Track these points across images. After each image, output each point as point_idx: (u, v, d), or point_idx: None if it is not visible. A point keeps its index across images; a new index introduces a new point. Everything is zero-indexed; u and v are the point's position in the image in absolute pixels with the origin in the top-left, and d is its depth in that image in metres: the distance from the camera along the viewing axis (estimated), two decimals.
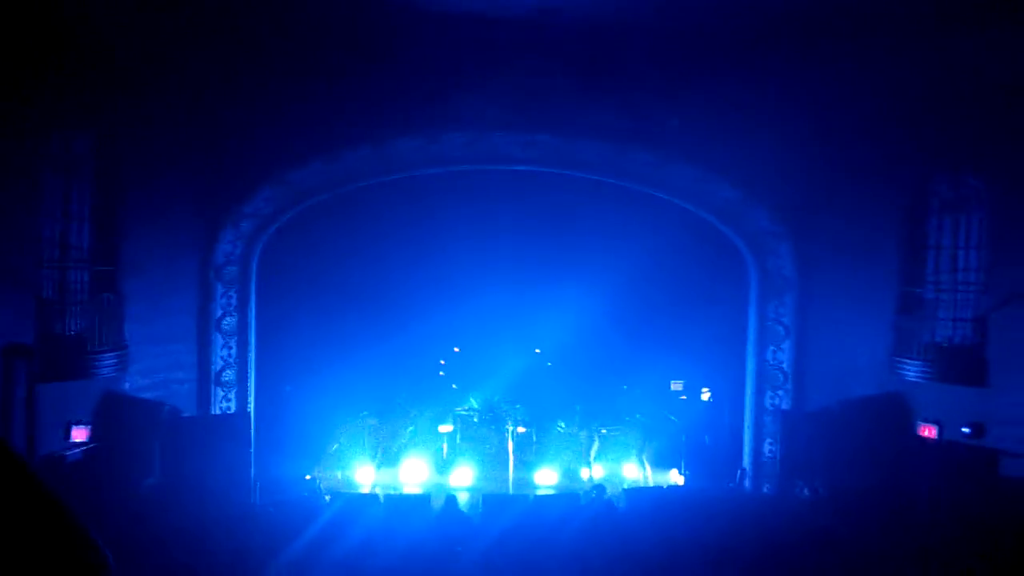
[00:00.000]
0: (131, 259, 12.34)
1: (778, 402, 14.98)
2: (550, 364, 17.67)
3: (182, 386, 13.62)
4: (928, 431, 12.29)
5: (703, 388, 17.16)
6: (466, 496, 14.24)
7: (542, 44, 12.60)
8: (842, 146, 13.82)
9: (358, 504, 12.76)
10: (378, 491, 14.86)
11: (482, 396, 17.14)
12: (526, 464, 16.09)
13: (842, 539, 11.48)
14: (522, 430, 16.50)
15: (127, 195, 12.25)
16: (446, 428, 16.49)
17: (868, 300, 13.94)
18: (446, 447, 16.42)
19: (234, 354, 14.32)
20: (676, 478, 15.88)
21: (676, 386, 17.33)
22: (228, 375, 14.27)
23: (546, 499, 14.15)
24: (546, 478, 15.70)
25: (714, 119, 13.28)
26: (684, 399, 17.03)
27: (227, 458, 12.97)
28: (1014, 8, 9.87)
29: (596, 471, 15.99)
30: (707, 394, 17.10)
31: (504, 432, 16.26)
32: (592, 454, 16.19)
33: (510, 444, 16.02)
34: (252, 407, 14.46)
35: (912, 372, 13.13)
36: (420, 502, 13.30)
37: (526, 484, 15.61)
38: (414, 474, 15.72)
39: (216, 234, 13.86)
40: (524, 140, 13.94)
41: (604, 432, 16.44)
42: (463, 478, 15.61)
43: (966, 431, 12.02)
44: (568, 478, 15.90)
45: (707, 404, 16.87)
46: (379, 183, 14.76)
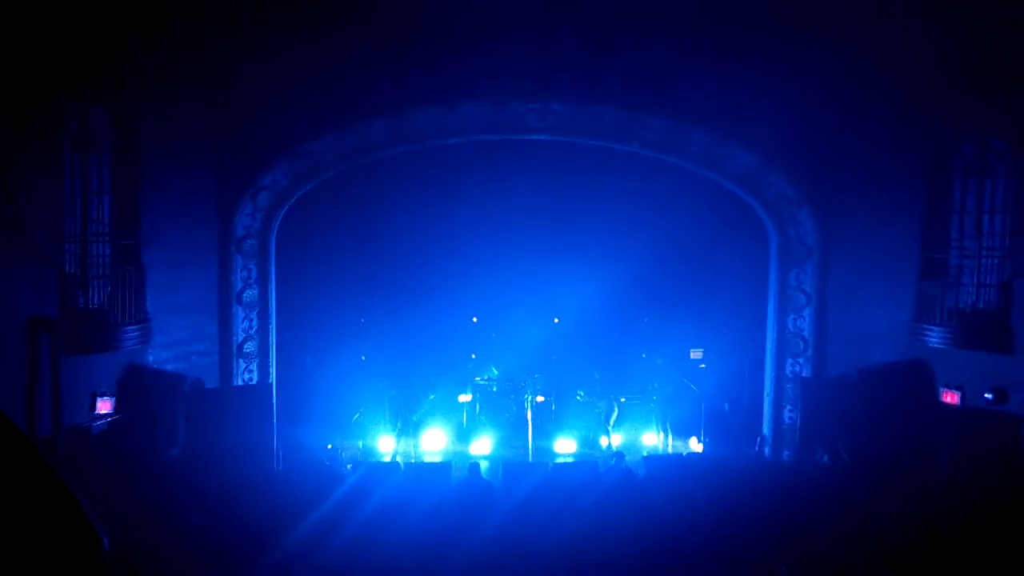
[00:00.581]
0: (152, 232, 12.42)
1: (798, 369, 14.93)
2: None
3: (204, 358, 13.77)
4: (950, 397, 12.19)
5: (726, 357, 17.06)
6: (486, 464, 14.34)
7: (557, 11, 12.45)
8: (863, 111, 13.60)
9: (379, 472, 12.91)
10: (399, 460, 15.01)
11: (501, 365, 17.20)
12: (545, 433, 16.16)
13: (863, 506, 11.48)
14: (541, 399, 16.55)
15: (146, 169, 12.31)
16: (466, 398, 16.59)
17: (890, 266, 13.78)
18: (466, 416, 16.52)
19: (255, 326, 14.44)
20: (695, 446, 15.89)
21: (696, 354, 17.26)
22: (249, 347, 14.41)
23: (565, 467, 14.23)
24: (565, 446, 15.77)
25: (730, 84, 13.09)
26: (703, 367, 16.98)
27: (249, 429, 13.12)
28: None
29: (615, 439, 16.03)
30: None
31: (523, 401, 16.32)
32: (611, 422, 16.22)
33: (529, 413, 16.07)
34: (273, 378, 14.61)
35: (934, 338, 13.00)
36: (440, 470, 13.43)
37: (545, 453, 15.69)
38: (434, 443, 15.85)
39: (235, 207, 13.91)
40: (540, 108, 13.84)
41: (623, 400, 16.45)
42: (483, 447, 15.72)
43: (988, 397, 11.92)
44: (587, 446, 15.97)
45: (727, 371, 16.79)
46: (396, 155, 14.73)
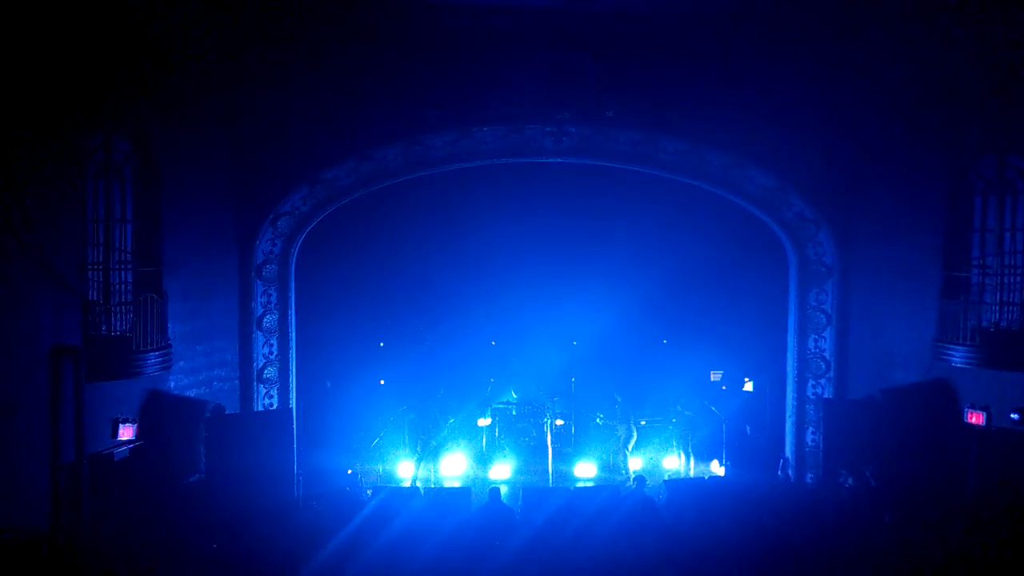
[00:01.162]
0: (173, 260, 12.56)
1: (820, 391, 14.77)
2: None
3: (225, 383, 13.85)
4: (975, 417, 12.02)
5: (746, 378, 16.97)
6: (505, 489, 14.26)
7: (570, 34, 12.55)
8: (881, 130, 13.56)
9: (399, 497, 12.87)
10: (419, 485, 14.97)
11: (521, 389, 17.16)
12: (565, 457, 16.08)
13: (888, 529, 11.29)
14: (560, 423, 16.49)
15: (167, 197, 12.46)
16: (485, 422, 16.55)
17: (911, 285, 13.66)
18: (485, 441, 16.47)
19: (275, 351, 14.51)
20: (717, 469, 15.74)
21: (716, 376, 17.17)
22: (270, 372, 14.47)
23: (586, 491, 14.13)
24: (585, 470, 15.67)
25: (746, 105, 13.10)
26: (724, 389, 16.86)
27: (270, 454, 13.15)
28: None
29: (635, 463, 15.91)
30: (750, 385, 16.90)
31: (543, 425, 16.26)
32: (631, 446, 16.11)
33: (548, 437, 16.00)
34: (293, 403, 14.65)
35: (958, 357, 12.83)
36: (460, 495, 13.37)
37: (565, 477, 15.60)
38: (454, 468, 15.80)
39: (255, 233, 14.05)
40: (556, 131, 13.90)
41: (643, 424, 16.35)
42: (502, 471, 15.65)
43: (1015, 417, 11.74)
44: (607, 470, 15.86)
45: (748, 394, 16.68)
46: (414, 180, 14.83)
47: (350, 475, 15.05)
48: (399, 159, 14.28)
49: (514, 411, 16.79)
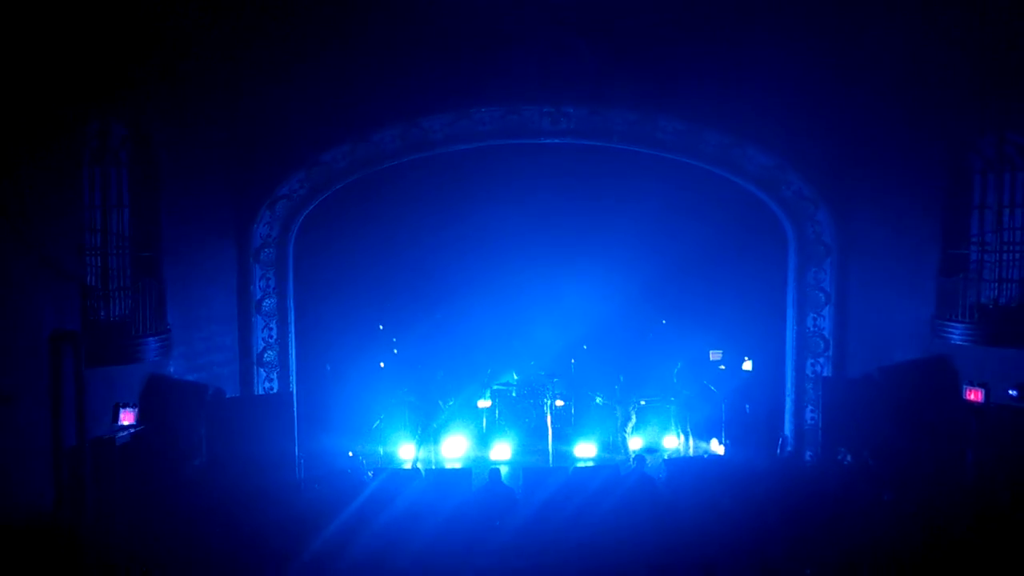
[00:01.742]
0: (171, 244, 12.53)
1: (819, 369, 14.81)
2: (586, 345, 17.64)
3: (225, 368, 13.88)
4: (974, 394, 12.04)
5: (745, 358, 17.01)
6: (506, 470, 14.34)
7: (569, 15, 12.47)
8: (880, 108, 13.48)
9: (400, 479, 12.94)
10: (419, 466, 15.04)
11: (521, 370, 17.22)
12: (565, 437, 16.14)
13: (887, 506, 11.36)
14: (560, 403, 16.55)
15: (165, 181, 12.43)
16: (485, 403, 16.60)
17: (910, 263, 13.65)
18: (485, 422, 16.53)
19: (275, 335, 14.54)
20: (716, 448, 15.82)
21: (715, 356, 17.19)
22: (269, 356, 14.51)
23: (586, 471, 14.20)
24: (585, 451, 15.75)
25: (744, 85, 13.04)
26: (723, 368, 16.90)
27: (271, 437, 13.21)
28: None
29: (635, 442, 15.98)
30: (749, 364, 16.94)
31: (542, 406, 16.31)
32: (630, 426, 16.18)
33: (548, 418, 16.06)
34: (294, 387, 14.69)
35: (957, 335, 12.84)
36: (461, 476, 13.44)
37: (565, 457, 15.67)
38: (454, 449, 15.87)
39: (252, 216, 14.03)
40: (553, 112, 13.85)
41: (643, 404, 16.40)
42: (503, 452, 15.73)
43: (1013, 393, 11.77)
44: (607, 450, 15.93)
45: (747, 373, 16.73)
46: (412, 162, 14.79)
47: (351, 457, 15.12)
48: (397, 141, 14.23)
49: (514, 392, 16.86)
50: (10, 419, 9.40)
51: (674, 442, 16.26)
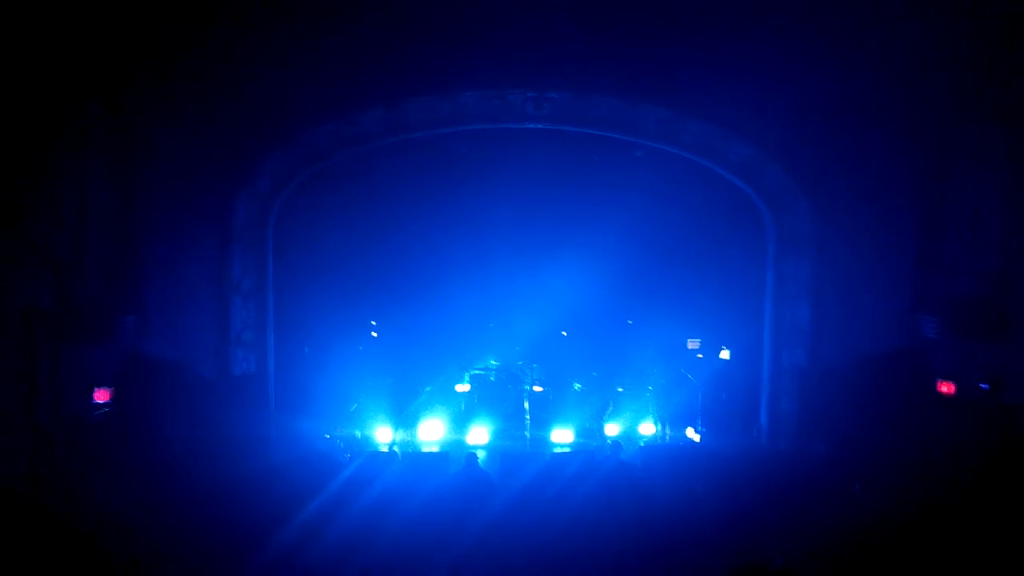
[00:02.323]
0: (149, 223, 12.41)
1: (796, 360, 14.92)
2: (565, 332, 17.67)
3: (202, 349, 13.75)
4: (946, 387, 12.22)
5: (723, 347, 17.12)
6: (483, 454, 14.38)
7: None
8: (861, 100, 13.57)
9: (377, 462, 12.94)
10: (396, 450, 15.05)
11: (500, 356, 17.24)
12: (543, 422, 16.20)
13: (858, 496, 11.54)
14: (539, 389, 16.59)
15: (142, 159, 12.28)
16: (463, 388, 16.62)
17: (887, 256, 13.79)
18: (463, 406, 16.56)
19: (253, 316, 14.39)
20: (693, 435, 15.95)
21: (693, 344, 17.29)
22: (247, 337, 14.35)
23: (563, 457, 14.27)
24: (562, 436, 15.82)
25: (728, 74, 13.06)
26: (701, 357, 17.01)
27: (247, 418, 13.16)
28: None
29: (612, 429, 16.08)
30: (726, 353, 17.05)
31: (521, 391, 16.36)
32: (608, 413, 16.27)
33: (526, 403, 16.11)
34: (271, 368, 14.60)
35: (931, 328, 13.01)
36: (438, 460, 13.47)
37: (543, 443, 15.74)
38: (432, 433, 15.89)
39: (232, 196, 13.87)
40: (537, 97, 13.81)
41: (620, 391, 16.50)
42: (480, 437, 15.76)
43: (984, 387, 11.96)
44: (584, 436, 16.01)
45: (724, 362, 16.84)
46: (394, 145, 14.69)
47: (328, 440, 15.09)
48: (380, 123, 14.12)
49: (492, 377, 16.88)
50: None
51: (651, 429, 16.37)
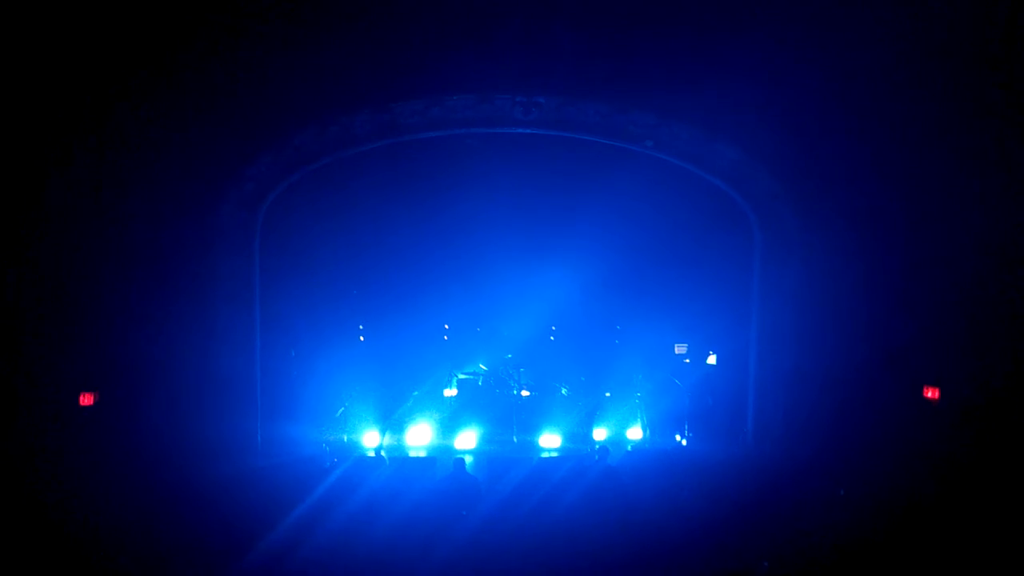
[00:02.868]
0: (135, 224, 12.33)
1: (781, 364, 15.00)
2: (553, 337, 17.74)
3: (188, 350, 13.65)
4: (931, 392, 12.30)
5: (710, 352, 17.22)
6: (470, 459, 14.37)
7: (544, 4, 12.44)
8: (849, 106, 13.64)
9: (364, 467, 12.90)
10: (384, 454, 15.01)
11: (488, 360, 17.26)
12: (530, 427, 16.22)
13: (844, 500, 11.59)
14: (526, 394, 16.62)
15: (130, 162, 12.21)
16: (451, 392, 16.62)
17: (873, 262, 13.86)
18: (451, 411, 16.55)
19: (239, 319, 14.35)
20: (679, 440, 16.00)
21: (680, 349, 17.38)
22: (233, 339, 14.31)
23: (550, 461, 14.28)
24: (550, 441, 15.84)
25: (716, 80, 13.11)
26: (688, 362, 17.09)
27: (233, 422, 13.09)
28: None
29: (599, 433, 16.11)
30: (713, 358, 17.16)
31: (508, 396, 16.37)
32: (595, 417, 16.30)
33: (514, 408, 16.13)
34: (258, 371, 14.54)
35: (915, 333, 13.08)
36: (425, 464, 13.44)
37: (530, 447, 15.75)
38: (419, 437, 15.87)
39: (219, 198, 13.82)
40: (525, 101, 13.82)
41: (608, 395, 16.54)
42: (467, 441, 15.75)
43: (966, 393, 12.02)
44: (572, 441, 16.03)
45: (711, 367, 16.95)
46: (384, 151, 14.69)
47: (315, 444, 15.05)
48: (368, 126, 14.11)
49: (480, 382, 16.89)
50: None
51: (638, 434, 16.41)
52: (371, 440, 15.58)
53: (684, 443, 15.77)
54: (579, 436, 16.13)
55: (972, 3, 11.02)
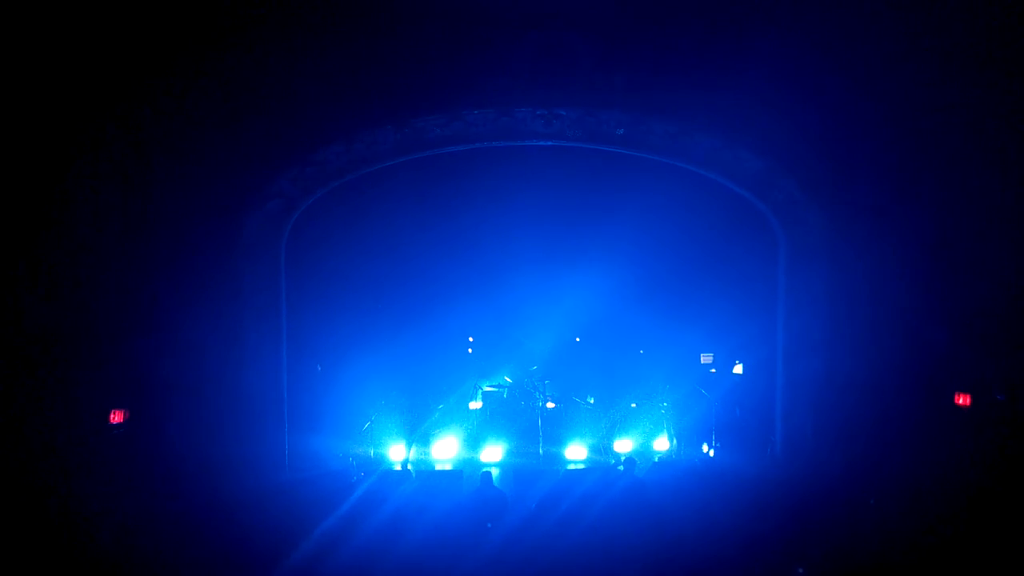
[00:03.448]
0: (162, 241, 12.48)
1: (810, 374, 14.82)
2: (578, 339, 17.69)
3: (215, 366, 13.78)
4: (963, 399, 12.10)
5: (736, 361, 17.08)
6: (496, 472, 14.34)
7: (562, 14, 12.46)
8: (871, 109, 13.51)
9: (390, 481, 12.92)
10: (410, 468, 15.02)
11: (513, 372, 17.25)
12: (556, 439, 16.16)
13: (875, 510, 11.41)
14: (551, 405, 16.56)
15: (156, 180, 12.37)
16: (476, 405, 16.61)
17: (902, 267, 13.68)
18: (477, 424, 16.53)
19: (265, 334, 14.46)
20: (707, 451, 15.85)
21: (706, 359, 17.25)
22: (260, 354, 14.41)
23: (576, 474, 14.21)
24: (576, 453, 15.77)
25: (737, 87, 13.04)
26: (714, 372, 16.95)
27: (260, 437, 13.17)
28: None
29: (625, 445, 16.01)
30: (739, 367, 17.01)
31: (534, 408, 16.33)
32: (620, 429, 16.21)
33: (540, 420, 16.08)
34: (284, 385, 14.63)
35: (947, 338, 12.88)
36: (452, 478, 13.43)
37: (556, 459, 15.68)
38: (445, 451, 15.86)
39: (244, 215, 13.95)
40: (546, 114, 13.83)
41: (634, 406, 16.44)
42: (493, 454, 15.72)
43: (1001, 398, 11.83)
44: (597, 452, 15.95)
45: (738, 376, 16.80)
46: (406, 164, 14.76)
47: (341, 458, 15.09)
48: (390, 142, 14.20)
49: (505, 394, 16.87)
50: None
51: (664, 445, 16.28)
52: (397, 454, 15.60)
53: (712, 454, 15.62)
54: (605, 448, 16.05)
55: (1005, 10, 10.88)
